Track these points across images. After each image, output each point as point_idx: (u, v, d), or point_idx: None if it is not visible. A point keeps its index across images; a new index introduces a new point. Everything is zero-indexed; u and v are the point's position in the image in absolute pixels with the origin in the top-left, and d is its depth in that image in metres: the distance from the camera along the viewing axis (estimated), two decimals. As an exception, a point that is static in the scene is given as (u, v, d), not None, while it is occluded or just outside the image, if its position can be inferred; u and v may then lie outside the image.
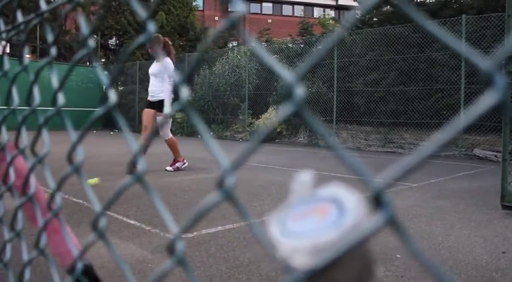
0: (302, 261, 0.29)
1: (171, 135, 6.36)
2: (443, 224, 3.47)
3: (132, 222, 3.34)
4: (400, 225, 0.28)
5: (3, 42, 1.02)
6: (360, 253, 0.30)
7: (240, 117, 14.07)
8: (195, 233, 3.04)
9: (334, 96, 11.65)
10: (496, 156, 8.50)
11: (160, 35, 6.21)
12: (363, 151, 10.28)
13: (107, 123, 16.72)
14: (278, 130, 12.55)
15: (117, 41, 21.96)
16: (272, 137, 12.46)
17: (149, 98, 6.41)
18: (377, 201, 0.28)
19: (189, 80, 0.43)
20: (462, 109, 9.27)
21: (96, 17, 20.17)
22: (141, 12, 0.45)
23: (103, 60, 19.50)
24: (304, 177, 0.36)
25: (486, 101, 0.25)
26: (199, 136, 9.78)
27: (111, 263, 2.44)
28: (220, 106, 14.59)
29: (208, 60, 15.04)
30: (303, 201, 0.33)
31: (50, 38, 0.68)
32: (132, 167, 0.45)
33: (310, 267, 0.29)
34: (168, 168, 6.29)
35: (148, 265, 2.45)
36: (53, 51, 0.67)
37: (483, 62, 0.25)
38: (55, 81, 0.64)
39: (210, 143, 0.39)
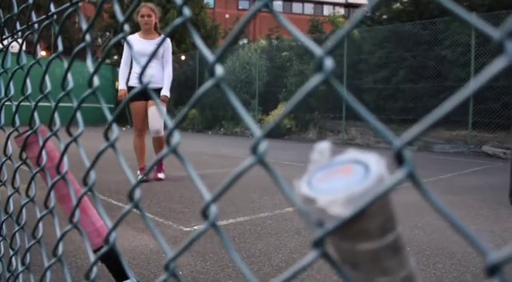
0: (338, 210, 0.32)
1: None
2: (453, 218, 3.49)
3: (146, 214, 3.39)
4: (419, 179, 0.32)
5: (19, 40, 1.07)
6: (385, 205, 0.34)
7: (250, 113, 14.12)
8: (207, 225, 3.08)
9: (344, 93, 11.63)
10: (504, 153, 8.48)
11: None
12: (372, 148, 10.27)
13: (119, 119, 16.82)
14: (288, 126, 12.56)
15: (128, 39, 22.04)
16: (281, 134, 12.48)
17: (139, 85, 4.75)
18: (399, 158, 0.32)
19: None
20: (471, 106, 9.25)
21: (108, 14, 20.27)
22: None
23: (115, 57, 19.47)
24: (322, 147, 0.38)
25: (497, 65, 0.28)
26: (209, 132, 9.74)
27: (127, 252, 2.50)
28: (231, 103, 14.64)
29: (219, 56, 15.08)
30: (323, 167, 0.36)
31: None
32: (170, 140, 0.49)
33: (345, 216, 0.32)
34: (160, 175, 5.06)
35: (162, 255, 2.50)
36: (88, 38, 0.71)
37: (494, 31, 0.29)
38: (90, 66, 0.68)
39: (243, 115, 0.43)
